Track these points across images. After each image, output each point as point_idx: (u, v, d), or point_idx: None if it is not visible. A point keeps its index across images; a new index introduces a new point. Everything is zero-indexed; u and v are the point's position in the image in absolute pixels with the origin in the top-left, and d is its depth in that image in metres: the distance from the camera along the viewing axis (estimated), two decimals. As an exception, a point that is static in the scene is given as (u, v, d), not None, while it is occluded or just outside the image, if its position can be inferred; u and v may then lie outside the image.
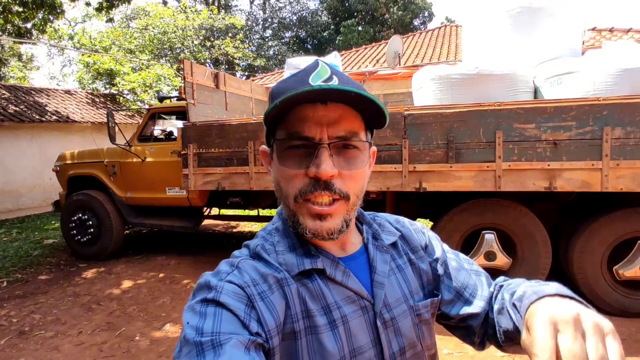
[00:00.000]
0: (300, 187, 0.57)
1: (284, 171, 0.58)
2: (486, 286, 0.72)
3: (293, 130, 0.57)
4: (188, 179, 4.15)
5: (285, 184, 0.59)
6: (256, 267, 0.59)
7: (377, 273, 0.64)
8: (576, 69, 3.20)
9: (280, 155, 0.59)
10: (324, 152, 0.55)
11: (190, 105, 4.24)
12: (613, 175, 2.85)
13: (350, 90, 0.53)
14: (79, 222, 5.13)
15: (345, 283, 0.61)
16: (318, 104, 0.56)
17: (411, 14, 20.71)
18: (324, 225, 0.57)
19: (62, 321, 3.47)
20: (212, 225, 7.17)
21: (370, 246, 0.67)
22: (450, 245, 2.96)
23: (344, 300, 0.60)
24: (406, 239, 0.74)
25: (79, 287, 4.28)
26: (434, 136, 3.21)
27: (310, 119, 0.56)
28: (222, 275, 0.58)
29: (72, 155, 5.63)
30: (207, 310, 0.52)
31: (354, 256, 0.65)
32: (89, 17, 15.61)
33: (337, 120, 0.56)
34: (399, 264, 0.69)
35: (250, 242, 0.66)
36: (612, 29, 8.46)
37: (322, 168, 0.55)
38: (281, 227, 0.65)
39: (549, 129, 2.94)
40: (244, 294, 0.54)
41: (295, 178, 0.57)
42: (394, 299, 0.64)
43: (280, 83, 0.61)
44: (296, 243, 0.62)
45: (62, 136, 9.66)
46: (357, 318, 0.60)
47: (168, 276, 4.50)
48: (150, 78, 12.43)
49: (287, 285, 0.57)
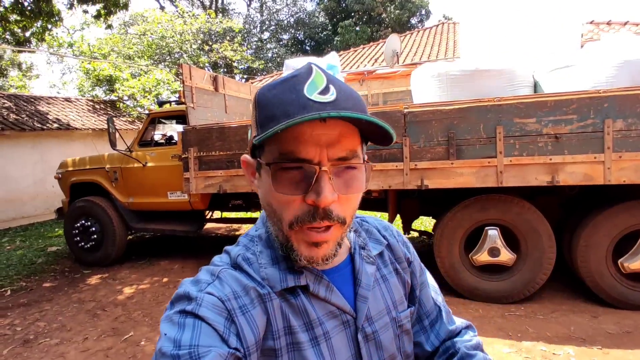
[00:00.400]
0: (298, 215, 0.52)
1: (278, 196, 0.53)
2: (445, 325, 0.73)
3: (288, 150, 0.51)
4: (189, 182, 4.15)
5: (278, 207, 0.54)
6: (238, 278, 0.56)
7: (362, 286, 0.63)
8: (576, 62, 3.19)
9: (272, 176, 0.52)
10: (324, 177, 0.50)
11: (189, 109, 4.24)
12: (616, 168, 2.84)
13: (361, 118, 0.49)
14: (82, 229, 5.14)
15: (329, 299, 0.59)
16: (316, 120, 0.50)
17: (408, 13, 20.70)
18: (320, 252, 0.54)
19: (67, 328, 3.47)
20: (215, 229, 7.17)
21: (356, 257, 0.65)
22: (454, 242, 2.95)
23: (327, 316, 0.59)
24: (392, 248, 0.73)
25: (84, 293, 4.28)
26: (434, 133, 3.20)
27: (307, 139, 0.50)
28: (202, 285, 0.55)
29: (74, 162, 5.64)
30: (185, 321, 0.50)
31: (339, 268, 0.64)
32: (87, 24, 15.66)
33: (337, 140, 0.51)
34: (384, 273, 0.69)
35: (231, 249, 0.63)
36: (610, 22, 8.44)
37: (323, 196, 0.50)
38: (264, 236, 0.62)
39: (550, 122, 2.93)
40: (224, 308, 0.52)
41: (292, 204, 0.52)
42: (376, 312, 0.64)
43: (268, 90, 0.54)
44: (279, 256, 0.59)
45: (63, 143, 9.69)
46: (339, 333, 0.59)
47: (172, 280, 4.50)
48: (150, 83, 12.45)
49: (269, 301, 0.56)
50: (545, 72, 3.44)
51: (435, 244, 3.49)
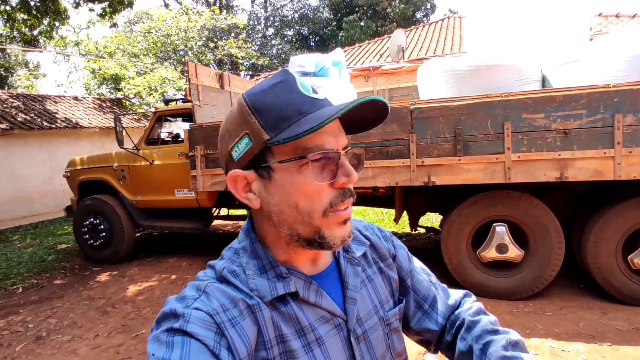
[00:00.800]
0: (331, 200, 0.56)
1: (310, 186, 0.54)
2: (445, 302, 0.76)
3: (310, 144, 0.53)
4: (196, 180, 4.17)
5: (307, 200, 0.55)
6: (225, 291, 0.56)
7: (350, 288, 0.64)
8: (585, 57, 3.15)
9: (301, 172, 0.54)
10: (346, 161, 0.57)
11: (196, 107, 4.25)
12: (626, 163, 2.80)
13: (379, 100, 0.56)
14: (91, 227, 5.19)
15: (319, 303, 0.60)
16: None
17: (413, 7, 20.53)
18: (347, 228, 0.58)
19: (78, 325, 3.52)
20: (222, 226, 7.21)
21: (341, 260, 0.67)
22: (461, 239, 2.94)
23: (319, 321, 0.60)
24: (375, 246, 0.74)
25: (94, 290, 4.33)
26: (441, 129, 3.19)
27: (328, 132, 0.55)
28: (188, 301, 0.54)
29: (82, 160, 5.69)
30: (173, 340, 0.49)
31: (326, 272, 0.65)
32: (93, 23, 15.73)
33: (340, 131, 0.58)
34: (369, 274, 0.70)
35: (216, 263, 0.62)
36: (618, 14, 8.32)
37: (353, 176, 0.56)
38: (249, 248, 0.61)
39: (559, 118, 2.90)
40: (213, 322, 0.52)
41: (322, 192, 0.55)
42: (365, 312, 0.65)
43: (261, 95, 0.55)
44: (267, 265, 0.59)
45: (71, 142, 9.77)
46: (333, 337, 0.60)
47: (180, 277, 4.54)
48: (155, 81, 12.51)
49: (259, 311, 0.55)
50: (554, 66, 3.40)
51: (443, 241, 3.48)
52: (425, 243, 5.28)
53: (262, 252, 0.60)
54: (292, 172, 0.54)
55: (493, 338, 0.67)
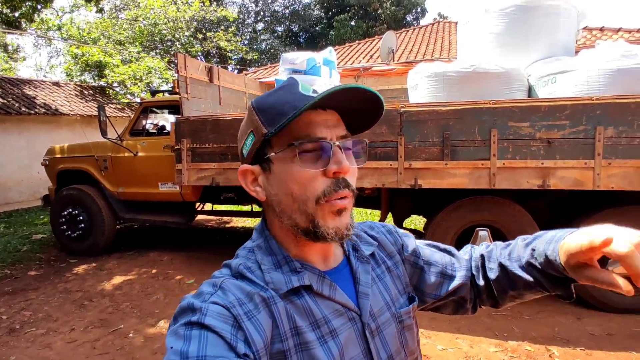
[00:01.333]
0: (324, 188, 0.58)
1: (302, 174, 0.57)
2: (460, 256, 0.80)
3: (303, 134, 0.58)
4: (181, 174, 4.11)
5: (301, 188, 0.58)
6: (240, 286, 0.57)
7: (361, 284, 0.66)
8: (570, 68, 3.23)
9: (292, 160, 0.58)
10: (339, 150, 0.58)
11: (183, 99, 4.18)
12: (605, 174, 2.89)
13: (367, 89, 0.57)
14: (69, 217, 5.06)
15: (333, 296, 0.61)
16: (319, 109, 0.59)
17: (404, 10, 20.68)
18: (342, 220, 0.59)
19: (53, 318, 3.43)
20: (205, 221, 7.13)
21: (352, 258, 0.69)
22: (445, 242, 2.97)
23: (333, 314, 0.61)
24: (382, 245, 0.76)
25: (70, 283, 4.22)
26: (430, 133, 3.22)
27: (319, 122, 0.58)
28: (205, 296, 0.55)
29: (62, 149, 5.53)
30: (191, 333, 0.50)
31: (338, 269, 0.66)
32: (77, 7, 15.27)
33: (338, 122, 0.61)
34: (378, 273, 0.72)
35: (231, 261, 0.64)
36: (603, 28, 8.57)
37: (344, 164, 0.57)
38: (264, 245, 0.64)
39: (543, 127, 2.97)
40: (230, 315, 0.53)
41: (314, 180, 0.58)
42: (377, 308, 0.66)
43: (265, 97, 0.62)
44: (281, 260, 0.62)
45: (50, 129, 9.48)
46: (347, 330, 0.61)
47: (161, 272, 4.47)
48: (141, 71, 12.23)
49: (274, 304, 0.57)
50: (540, 76, 3.48)
51: (426, 243, 3.52)
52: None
53: (276, 249, 0.63)
54: (286, 161, 0.58)
55: (511, 245, 0.73)
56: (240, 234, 6.34)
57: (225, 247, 5.39)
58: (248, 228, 6.68)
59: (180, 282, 4.15)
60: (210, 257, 4.89)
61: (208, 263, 4.68)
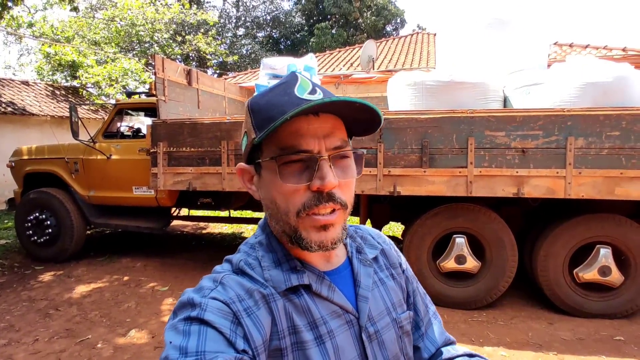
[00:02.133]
0: (304, 202, 0.56)
1: (283, 187, 0.56)
2: (438, 334, 0.75)
3: (289, 144, 0.56)
4: (157, 178, 4.00)
5: (283, 200, 0.57)
6: (241, 282, 0.57)
7: (362, 287, 0.65)
8: (543, 81, 3.35)
9: (276, 172, 0.56)
10: (326, 164, 0.55)
11: (160, 102, 4.09)
12: (575, 183, 3.00)
13: (356, 101, 0.54)
14: (35, 222, 4.82)
15: (331, 298, 0.61)
16: (311, 115, 0.56)
17: (384, 20, 21.05)
18: (328, 235, 0.57)
19: (15, 328, 3.24)
20: (181, 226, 6.96)
21: (354, 260, 0.68)
22: (422, 249, 3.01)
23: (330, 315, 0.60)
24: (386, 254, 0.76)
25: (35, 291, 4.01)
26: (409, 141, 3.26)
27: (306, 132, 0.56)
28: (205, 291, 0.55)
29: (30, 150, 5.29)
30: (190, 328, 0.50)
31: (339, 270, 0.66)
32: (50, 5, 14.77)
33: (332, 131, 0.57)
34: (381, 277, 0.71)
35: (233, 256, 0.64)
36: (572, 44, 8.96)
37: (327, 180, 0.55)
38: (265, 242, 0.64)
39: (518, 137, 3.06)
40: (229, 311, 0.53)
41: (297, 193, 0.56)
42: (377, 312, 0.66)
43: (260, 97, 0.60)
44: (282, 258, 0.61)
45: (17, 129, 9.07)
46: (344, 332, 0.61)
47: (133, 279, 4.31)
48: (117, 72, 11.91)
49: (273, 302, 0.57)
50: (515, 88, 3.58)
51: (404, 250, 3.54)
52: (386, 251, 5.36)
53: (277, 246, 0.63)
54: (271, 171, 0.57)
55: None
56: (217, 240, 6.21)
57: (201, 253, 5.26)
58: (225, 234, 6.56)
59: (154, 290, 4.02)
60: (186, 264, 4.76)
61: (183, 270, 4.55)
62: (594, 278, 3.15)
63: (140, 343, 3.01)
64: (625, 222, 3.14)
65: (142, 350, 2.90)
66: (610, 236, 3.17)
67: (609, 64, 3.24)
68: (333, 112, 0.58)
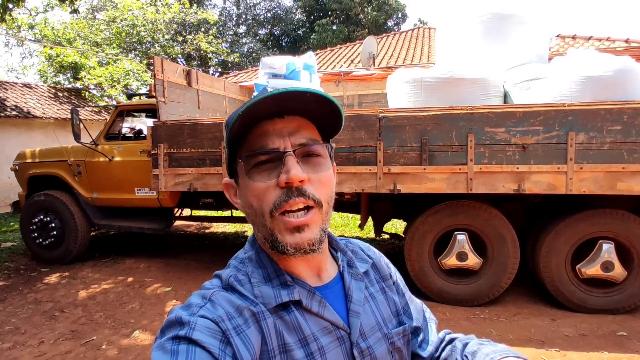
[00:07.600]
0: (274, 200, 0.56)
1: (254, 186, 0.57)
2: (435, 333, 0.77)
3: (256, 147, 0.58)
4: (158, 179, 4.02)
5: (257, 201, 0.58)
6: (230, 299, 0.56)
7: (353, 302, 0.64)
8: (543, 75, 3.32)
9: (247, 174, 0.58)
10: (291, 159, 0.56)
11: (160, 103, 4.10)
12: (577, 178, 2.97)
13: (306, 91, 0.54)
14: (40, 224, 4.87)
15: (322, 314, 0.60)
16: (276, 118, 0.58)
17: (385, 15, 20.92)
18: (304, 236, 0.56)
19: (21, 331, 3.28)
20: (185, 226, 6.99)
21: (345, 274, 0.67)
22: (424, 246, 3.01)
23: (321, 331, 0.59)
24: (377, 267, 0.75)
25: (41, 293, 4.05)
26: (408, 138, 3.25)
27: (271, 132, 0.58)
28: (193, 309, 0.54)
29: (33, 153, 5.34)
30: (179, 348, 0.49)
31: (330, 285, 0.65)
32: (51, 7, 14.81)
33: (297, 130, 0.59)
34: (372, 292, 0.70)
35: (222, 272, 0.63)
36: (575, 36, 8.86)
37: (292, 173, 0.55)
38: (254, 257, 0.63)
39: (518, 133, 3.04)
40: (218, 329, 0.52)
41: (267, 192, 0.57)
42: (369, 327, 0.65)
43: (234, 111, 0.61)
44: (272, 273, 0.61)
45: (21, 132, 9.15)
46: (335, 349, 0.60)
47: (137, 280, 4.34)
48: (118, 73, 11.94)
49: (263, 320, 0.56)
50: (515, 82, 3.56)
51: (406, 247, 3.54)
52: (388, 249, 5.36)
53: (267, 261, 0.62)
54: (243, 175, 0.59)
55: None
56: (220, 240, 6.23)
57: (204, 254, 5.29)
58: (228, 233, 6.59)
59: (157, 291, 4.05)
60: (189, 264, 4.78)
61: (187, 270, 4.58)
62: (596, 274, 3.13)
63: (144, 344, 3.04)
64: (628, 217, 3.12)
65: (146, 351, 2.93)
66: (612, 231, 3.14)
67: (609, 58, 3.20)
68: (298, 112, 0.59)
